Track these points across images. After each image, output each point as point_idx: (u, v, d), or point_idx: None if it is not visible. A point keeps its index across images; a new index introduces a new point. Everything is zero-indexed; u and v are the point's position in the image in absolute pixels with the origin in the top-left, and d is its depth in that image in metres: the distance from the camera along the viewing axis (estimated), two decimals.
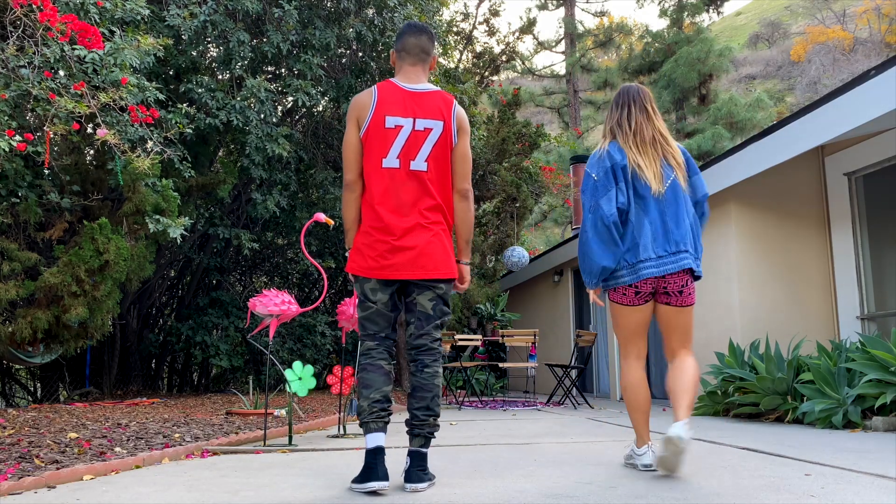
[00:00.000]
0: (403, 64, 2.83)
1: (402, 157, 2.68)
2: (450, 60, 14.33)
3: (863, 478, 2.65)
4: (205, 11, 7.41)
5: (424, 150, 2.70)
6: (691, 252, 2.89)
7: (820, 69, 34.12)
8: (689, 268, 2.85)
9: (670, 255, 2.84)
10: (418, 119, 2.71)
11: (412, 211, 2.68)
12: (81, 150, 7.48)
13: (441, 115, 2.73)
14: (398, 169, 2.68)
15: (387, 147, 2.68)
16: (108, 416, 5.37)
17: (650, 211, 2.87)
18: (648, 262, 2.83)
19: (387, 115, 2.70)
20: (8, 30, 4.83)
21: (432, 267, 2.67)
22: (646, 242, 2.84)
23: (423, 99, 2.74)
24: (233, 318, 10.23)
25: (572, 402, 8.21)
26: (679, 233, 2.86)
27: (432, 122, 2.71)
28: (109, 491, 2.62)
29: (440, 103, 2.75)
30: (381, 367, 2.68)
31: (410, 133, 2.69)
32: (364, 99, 2.74)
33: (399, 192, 2.68)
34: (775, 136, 5.99)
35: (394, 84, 2.77)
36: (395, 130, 2.69)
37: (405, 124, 2.69)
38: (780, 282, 6.79)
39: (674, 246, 2.84)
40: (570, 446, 3.89)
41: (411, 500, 2.33)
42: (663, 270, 2.82)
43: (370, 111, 2.71)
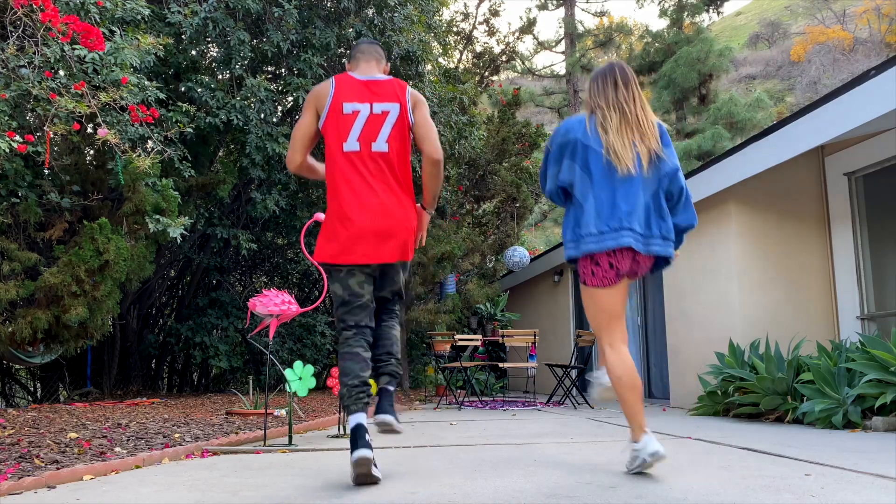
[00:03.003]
0: (359, 62, 3.01)
1: (363, 141, 2.81)
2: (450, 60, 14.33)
3: (863, 478, 2.65)
4: (205, 9, 7.41)
5: (384, 131, 2.82)
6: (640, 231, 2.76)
7: (820, 69, 34.12)
8: (630, 246, 2.72)
9: (612, 231, 2.74)
10: (375, 103, 2.84)
11: (377, 192, 2.79)
12: (81, 150, 7.48)
13: (397, 98, 2.87)
14: (359, 152, 2.81)
15: (346, 132, 2.81)
16: (108, 416, 5.37)
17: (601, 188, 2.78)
18: (589, 238, 2.77)
19: (344, 101, 2.83)
20: (8, 30, 4.83)
21: (399, 249, 2.82)
22: (588, 219, 2.78)
23: (377, 85, 2.89)
24: (233, 318, 10.23)
25: (572, 403, 8.21)
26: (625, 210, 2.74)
27: (389, 104, 2.85)
28: (109, 491, 2.62)
29: (395, 87, 2.89)
30: (357, 353, 2.78)
31: (368, 116, 2.83)
32: (322, 89, 2.89)
33: (362, 174, 2.79)
34: (775, 136, 5.99)
35: (349, 75, 2.93)
36: (352, 115, 2.82)
37: (362, 109, 2.83)
38: (780, 282, 6.79)
39: (617, 223, 2.74)
40: (570, 446, 3.89)
41: (411, 500, 2.33)
42: (602, 247, 2.73)
43: (328, 99, 2.85)
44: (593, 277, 2.83)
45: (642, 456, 2.71)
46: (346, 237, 2.78)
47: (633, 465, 2.79)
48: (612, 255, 2.77)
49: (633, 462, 2.78)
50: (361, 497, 2.41)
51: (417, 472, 2.97)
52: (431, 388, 11.00)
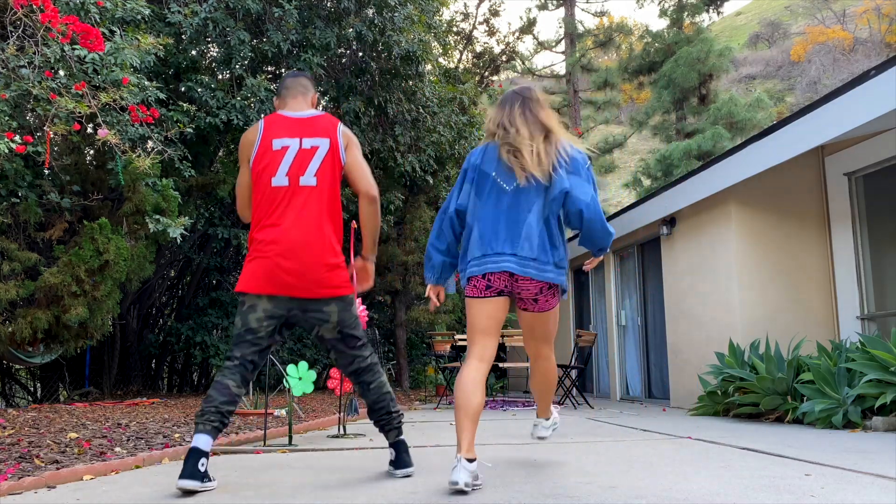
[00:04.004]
0: (286, 99, 2.99)
1: (291, 175, 2.80)
2: (450, 60, 14.33)
3: (863, 478, 2.65)
4: (205, 9, 7.41)
5: (312, 166, 2.81)
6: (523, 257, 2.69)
7: (820, 69, 34.12)
8: (551, 282, 2.71)
9: (495, 255, 2.70)
10: (304, 138, 2.84)
11: (298, 226, 2.75)
12: (81, 150, 7.48)
13: (327, 134, 2.86)
14: (287, 186, 2.79)
15: (275, 167, 2.80)
16: (108, 416, 5.38)
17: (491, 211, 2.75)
18: (472, 262, 2.75)
19: (273, 138, 2.83)
20: (8, 30, 4.83)
21: (315, 284, 2.74)
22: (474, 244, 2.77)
23: (308, 122, 2.89)
24: (233, 318, 10.23)
25: (572, 403, 8.21)
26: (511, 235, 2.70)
27: (318, 140, 2.84)
28: (109, 491, 2.62)
29: (325, 123, 2.89)
30: (227, 386, 2.68)
31: (298, 151, 2.82)
32: (250, 134, 2.91)
33: (289, 208, 2.77)
34: (775, 136, 5.99)
35: (280, 114, 2.93)
36: (282, 151, 2.82)
37: (291, 144, 2.83)
38: (780, 282, 6.79)
39: (502, 247, 2.70)
40: (570, 446, 3.89)
41: (411, 500, 2.33)
42: (482, 270, 2.70)
43: (257, 140, 2.85)
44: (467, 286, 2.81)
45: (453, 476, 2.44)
46: (260, 268, 2.73)
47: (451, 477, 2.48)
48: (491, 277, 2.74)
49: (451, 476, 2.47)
50: (361, 497, 2.41)
51: (417, 472, 2.97)
52: (431, 388, 11.00)
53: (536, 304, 2.81)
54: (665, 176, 18.35)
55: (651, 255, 8.79)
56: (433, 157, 10.24)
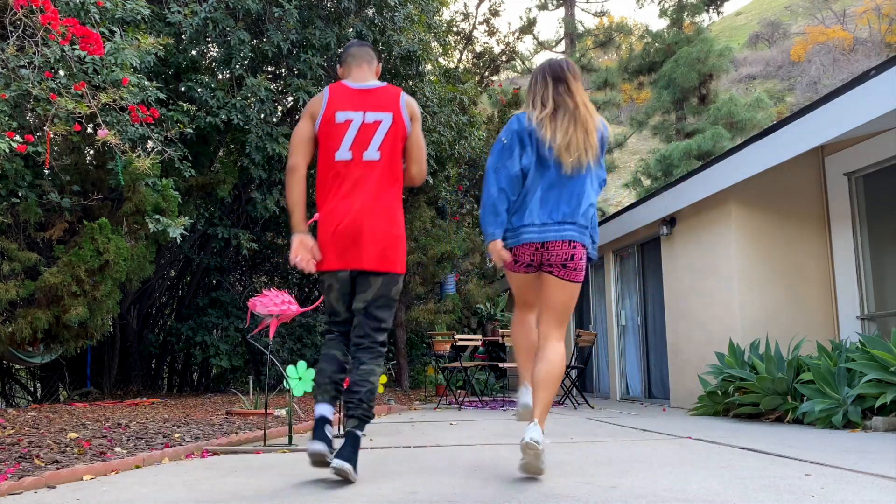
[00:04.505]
0: (350, 68, 3.01)
1: (355, 149, 2.83)
2: (450, 60, 14.33)
3: (863, 478, 2.65)
4: (205, 9, 7.41)
5: (376, 140, 2.84)
6: (581, 228, 2.83)
7: (820, 69, 34.11)
8: (573, 239, 2.80)
9: (555, 224, 2.81)
10: (368, 112, 2.86)
11: (363, 199, 2.79)
12: (81, 150, 7.49)
13: (390, 107, 2.88)
14: (351, 160, 2.83)
15: (338, 140, 2.83)
16: (108, 416, 5.38)
17: (547, 180, 2.84)
18: (531, 227, 2.83)
19: (337, 110, 2.85)
20: (8, 30, 4.83)
21: (379, 257, 2.80)
22: (532, 208, 2.84)
23: (371, 94, 2.91)
24: (233, 318, 10.23)
25: (572, 403, 8.21)
26: (570, 206, 2.82)
27: (382, 114, 2.86)
28: (109, 491, 2.62)
29: (389, 96, 2.90)
30: (334, 356, 2.88)
31: (361, 125, 2.84)
32: (317, 99, 2.93)
33: (352, 182, 2.81)
34: (775, 136, 5.99)
35: (343, 84, 2.95)
36: (345, 125, 2.84)
37: (355, 118, 2.85)
38: (780, 282, 6.79)
39: (560, 216, 2.81)
40: (571, 446, 3.89)
41: (411, 500, 2.33)
42: (543, 238, 2.80)
43: (322, 108, 2.88)
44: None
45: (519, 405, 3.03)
46: (329, 243, 2.81)
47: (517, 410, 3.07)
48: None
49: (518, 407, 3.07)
50: (361, 497, 2.41)
51: (417, 472, 2.97)
52: (431, 388, 11.00)
53: (564, 269, 2.86)
54: (665, 176, 18.35)
55: (651, 254, 8.80)
56: (433, 157, 10.24)
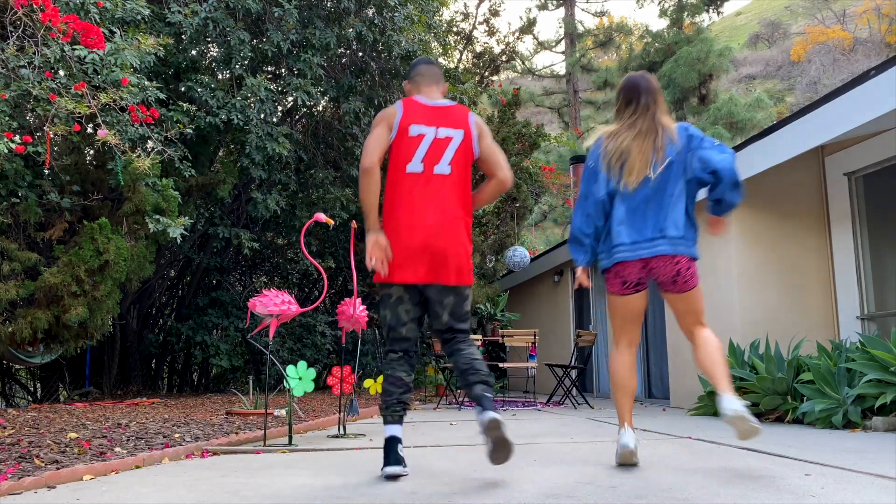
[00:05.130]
0: (420, 86, 3.08)
1: (426, 162, 2.89)
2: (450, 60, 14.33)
3: (863, 478, 2.65)
4: (205, 9, 7.41)
5: (447, 155, 2.91)
6: (674, 237, 2.91)
7: (820, 69, 34.11)
8: (666, 254, 2.89)
9: (646, 241, 2.90)
10: (440, 128, 2.93)
11: (435, 212, 2.84)
12: (81, 150, 7.48)
13: (461, 125, 2.96)
14: (422, 173, 2.88)
15: (411, 153, 2.89)
16: (108, 416, 5.38)
17: (630, 198, 2.95)
18: (622, 247, 2.94)
19: (411, 124, 2.91)
20: (8, 30, 4.83)
21: (455, 272, 2.85)
22: (619, 228, 2.95)
23: (443, 111, 2.98)
24: (233, 318, 10.23)
25: (572, 403, 8.21)
26: (658, 219, 2.92)
27: (453, 130, 2.94)
28: (109, 491, 2.62)
29: (460, 114, 2.99)
30: (400, 378, 2.88)
31: (433, 140, 2.91)
32: (391, 110, 2.97)
33: (423, 194, 2.85)
34: (775, 136, 5.99)
35: (415, 100, 3.01)
36: (418, 138, 2.90)
37: (428, 132, 2.91)
38: (780, 282, 6.79)
39: (650, 232, 2.91)
40: (571, 446, 3.89)
41: (411, 501, 2.33)
42: (637, 255, 2.91)
43: (397, 119, 2.92)
44: (607, 283, 3.05)
45: (618, 445, 2.96)
46: (402, 255, 2.83)
47: (616, 453, 3.00)
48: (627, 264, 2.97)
49: (616, 451, 3.02)
50: (361, 497, 2.41)
51: (417, 472, 2.97)
52: (431, 388, 11.00)
53: (675, 284, 2.96)
54: None
55: None
56: None
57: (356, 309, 4.64)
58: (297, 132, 9.48)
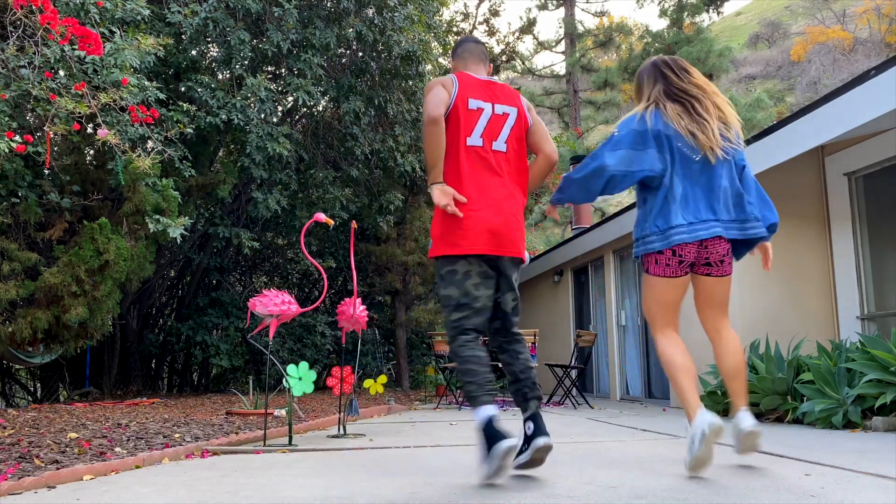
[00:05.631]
0: (468, 63, 3.05)
1: (486, 137, 2.85)
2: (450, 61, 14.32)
3: (863, 478, 2.65)
4: (205, 9, 7.41)
5: (504, 132, 2.88)
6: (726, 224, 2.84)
7: (820, 69, 34.11)
8: (720, 235, 2.81)
9: (701, 223, 2.81)
10: (497, 104, 2.89)
11: (498, 187, 2.81)
12: (81, 150, 7.49)
13: (515, 103, 2.94)
14: (482, 147, 2.83)
15: (471, 126, 2.83)
16: (108, 416, 5.38)
17: (689, 177, 2.85)
18: (680, 228, 2.81)
19: (469, 97, 2.85)
20: (8, 30, 4.83)
21: (516, 246, 2.81)
22: (676, 209, 2.83)
23: (497, 87, 2.95)
24: (233, 318, 10.23)
25: (572, 403, 8.21)
26: (714, 199, 2.84)
27: (509, 107, 2.91)
28: (109, 491, 2.62)
29: (513, 92, 2.98)
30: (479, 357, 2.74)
31: (491, 116, 2.87)
32: (447, 80, 2.89)
33: (486, 168, 2.82)
34: (775, 136, 5.99)
35: (469, 74, 2.96)
36: (477, 112, 2.85)
37: (486, 108, 2.87)
38: (780, 282, 6.79)
39: (706, 213, 2.82)
40: (571, 446, 3.89)
41: (411, 501, 2.33)
42: (695, 237, 2.80)
43: (454, 90, 2.85)
44: (655, 266, 2.88)
45: (697, 431, 2.57)
46: (466, 228, 2.74)
47: (692, 448, 2.60)
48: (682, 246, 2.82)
49: (692, 445, 2.60)
50: (361, 497, 2.41)
51: (417, 472, 2.97)
52: (431, 388, 11.00)
53: (721, 265, 2.87)
54: None
55: None
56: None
57: (356, 309, 4.64)
58: (297, 132, 9.48)
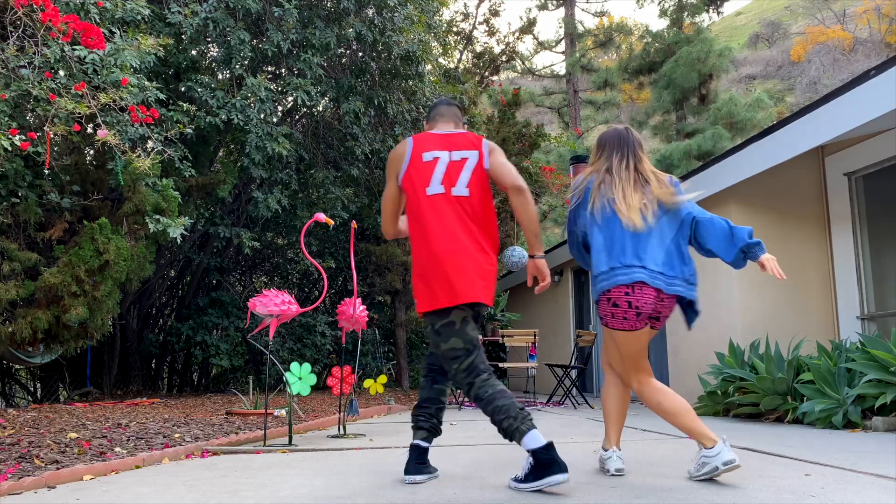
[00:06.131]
0: (437, 123, 3.06)
1: (445, 184, 2.83)
2: (450, 61, 14.33)
3: (863, 478, 2.65)
4: (205, 9, 7.41)
5: (464, 176, 2.85)
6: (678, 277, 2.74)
7: (820, 69, 34.11)
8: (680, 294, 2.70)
9: (660, 274, 2.70)
10: (454, 151, 2.89)
11: (463, 232, 2.78)
12: (81, 150, 7.49)
13: (474, 147, 2.90)
14: (443, 194, 2.82)
15: (428, 176, 2.83)
16: (108, 416, 5.38)
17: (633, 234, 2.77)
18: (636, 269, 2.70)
19: (423, 151, 2.87)
20: (8, 30, 4.83)
21: (485, 292, 2.77)
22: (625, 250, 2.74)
23: (455, 137, 2.95)
24: (233, 318, 10.23)
25: (572, 403, 8.21)
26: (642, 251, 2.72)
27: (467, 152, 2.89)
28: (109, 491, 2.62)
29: (471, 138, 2.95)
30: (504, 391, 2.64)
31: (448, 162, 2.86)
32: (399, 149, 2.94)
33: (446, 216, 2.79)
34: (775, 136, 5.99)
35: (428, 133, 2.99)
36: (433, 162, 2.86)
37: (442, 156, 2.87)
38: (780, 282, 6.78)
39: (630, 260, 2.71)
40: (571, 446, 3.89)
41: (411, 500, 2.33)
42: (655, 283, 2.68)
43: (406, 156, 2.88)
44: (613, 319, 2.74)
45: (714, 463, 2.55)
46: (445, 278, 2.71)
47: (700, 470, 2.63)
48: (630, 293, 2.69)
49: (701, 468, 2.62)
50: (362, 498, 2.41)
51: None
52: None
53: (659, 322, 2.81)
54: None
55: None
56: None
57: (356, 309, 4.64)
58: (298, 132, 9.48)
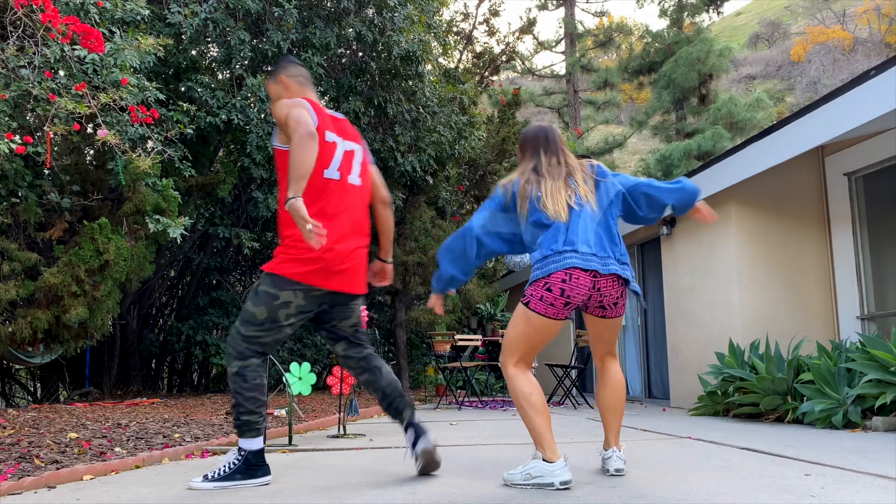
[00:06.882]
0: (305, 89, 2.96)
1: (342, 171, 2.85)
2: (450, 60, 14.33)
3: (863, 478, 2.65)
4: (205, 10, 7.41)
5: (355, 167, 2.90)
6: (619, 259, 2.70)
7: (820, 69, 34.10)
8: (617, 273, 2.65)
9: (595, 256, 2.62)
10: (346, 140, 2.91)
11: (350, 225, 2.81)
12: (81, 150, 7.48)
13: (358, 140, 2.98)
14: (338, 181, 2.82)
15: (328, 159, 2.81)
16: (108, 416, 5.38)
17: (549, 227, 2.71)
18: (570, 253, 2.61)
19: (325, 129, 2.83)
20: (8, 30, 4.83)
21: (363, 282, 2.89)
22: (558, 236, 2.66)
23: (343, 123, 2.96)
24: (233, 317, 10.23)
25: (572, 403, 8.21)
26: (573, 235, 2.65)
27: (354, 144, 2.94)
28: (109, 491, 2.62)
29: (354, 129, 3.00)
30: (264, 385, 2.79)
31: (343, 152, 2.87)
32: (303, 103, 2.74)
33: (340, 202, 2.81)
34: (775, 136, 5.99)
35: (318, 105, 2.87)
36: (332, 145, 2.83)
37: (338, 142, 2.86)
38: (780, 282, 6.79)
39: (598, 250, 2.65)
40: (571, 446, 3.89)
41: (411, 500, 2.33)
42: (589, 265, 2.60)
43: (314, 119, 2.75)
44: (539, 302, 2.62)
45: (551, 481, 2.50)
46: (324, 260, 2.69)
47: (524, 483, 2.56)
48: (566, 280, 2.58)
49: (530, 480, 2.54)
50: (361, 497, 2.41)
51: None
52: (431, 388, 11.00)
53: (615, 308, 2.74)
54: (665, 176, 18.36)
55: (651, 255, 8.79)
56: (433, 157, 10.24)
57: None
58: None
